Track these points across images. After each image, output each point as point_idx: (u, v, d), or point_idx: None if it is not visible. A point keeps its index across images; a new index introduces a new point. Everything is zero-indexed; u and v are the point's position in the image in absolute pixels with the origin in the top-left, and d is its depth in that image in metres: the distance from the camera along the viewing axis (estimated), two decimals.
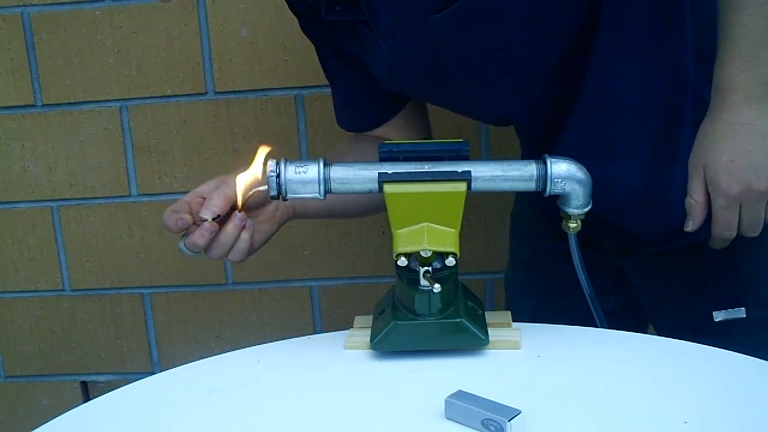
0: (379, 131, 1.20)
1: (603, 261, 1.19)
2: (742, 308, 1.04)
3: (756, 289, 1.09)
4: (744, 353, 0.91)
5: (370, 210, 1.21)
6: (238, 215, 1.00)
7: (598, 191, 0.95)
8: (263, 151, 0.96)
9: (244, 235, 1.01)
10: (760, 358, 0.90)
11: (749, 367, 0.89)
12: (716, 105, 0.94)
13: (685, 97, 1.02)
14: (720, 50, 0.93)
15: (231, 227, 0.99)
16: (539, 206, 1.25)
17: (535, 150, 1.10)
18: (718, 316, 1.04)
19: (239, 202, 0.97)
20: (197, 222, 0.98)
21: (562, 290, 1.23)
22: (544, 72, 1.03)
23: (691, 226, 0.98)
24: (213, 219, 0.98)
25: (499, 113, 1.13)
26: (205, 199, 1.01)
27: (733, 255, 1.03)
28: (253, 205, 1.04)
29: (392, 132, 1.19)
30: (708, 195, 0.96)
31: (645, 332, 1.21)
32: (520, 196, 1.33)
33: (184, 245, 1.00)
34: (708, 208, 0.97)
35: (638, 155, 1.03)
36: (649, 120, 1.03)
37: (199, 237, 0.98)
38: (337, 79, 1.21)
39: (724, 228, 0.96)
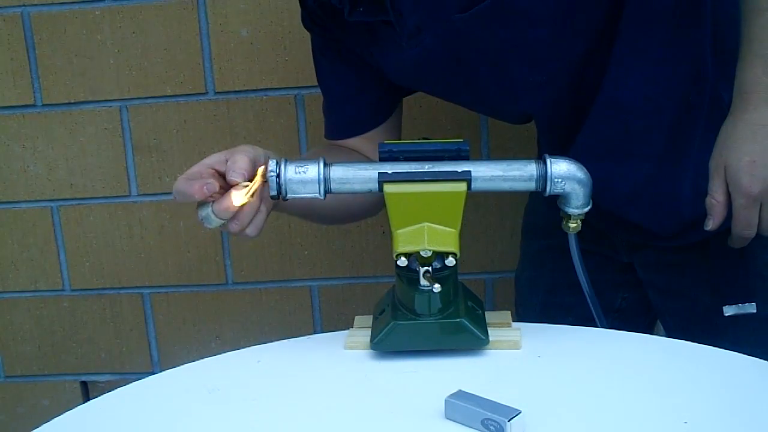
0: (354, 142, 1.20)
1: (613, 258, 1.19)
2: (753, 303, 1.04)
3: (765, 286, 1.09)
4: (752, 350, 0.91)
5: (345, 216, 1.21)
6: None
7: (613, 186, 0.95)
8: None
9: (263, 208, 0.97)
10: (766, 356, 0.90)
11: (749, 367, 0.89)
12: (738, 106, 0.95)
13: (703, 94, 1.02)
14: (742, 52, 0.94)
15: (255, 198, 0.95)
16: (551, 203, 1.25)
17: (556, 144, 1.10)
18: (729, 310, 1.04)
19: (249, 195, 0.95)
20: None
21: (572, 286, 1.23)
22: (568, 68, 1.04)
23: (711, 225, 0.98)
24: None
25: (523, 110, 1.14)
26: (215, 170, 0.95)
27: (742, 252, 1.03)
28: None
29: (366, 144, 1.19)
30: (728, 195, 0.96)
31: (652, 331, 1.21)
32: (534, 192, 1.33)
33: (212, 212, 0.93)
34: (728, 208, 0.97)
35: (654, 149, 1.04)
36: (667, 115, 1.04)
37: (236, 199, 0.93)
38: (330, 80, 1.21)
39: (744, 227, 0.97)
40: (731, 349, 0.92)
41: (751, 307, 1.04)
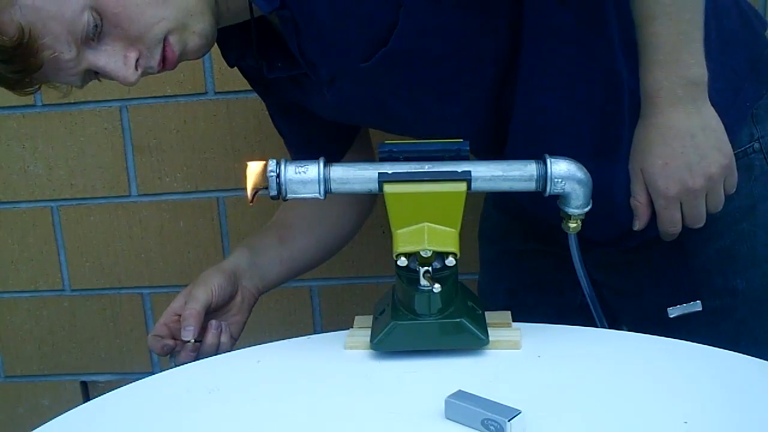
0: None
1: (567, 257, 1.20)
2: (698, 302, 1.07)
3: (709, 280, 1.12)
4: (704, 343, 0.93)
5: (327, 257, 1.31)
6: (213, 324, 1.10)
7: (545, 200, 0.96)
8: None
9: (224, 339, 1.11)
10: (719, 347, 0.92)
11: (749, 367, 0.89)
12: (645, 111, 0.97)
13: (621, 100, 1.04)
14: (641, 59, 0.96)
15: (210, 338, 1.10)
16: (503, 207, 1.27)
17: None
18: (673, 312, 1.07)
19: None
20: (178, 339, 1.09)
21: (531, 288, 1.25)
22: (481, 96, 1.05)
23: (638, 225, 1.02)
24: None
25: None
26: (178, 316, 1.11)
27: (683, 249, 1.06)
28: (221, 304, 1.14)
29: None
30: (650, 196, 0.99)
31: (618, 327, 1.22)
32: (486, 198, 1.36)
33: (176, 364, 1.08)
34: (652, 208, 1.00)
35: (581, 162, 1.05)
36: (586, 126, 1.06)
37: (186, 356, 1.08)
38: (285, 131, 1.26)
39: (668, 225, 1.00)
40: None
41: (696, 306, 1.07)
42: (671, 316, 1.07)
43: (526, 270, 1.21)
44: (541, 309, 1.12)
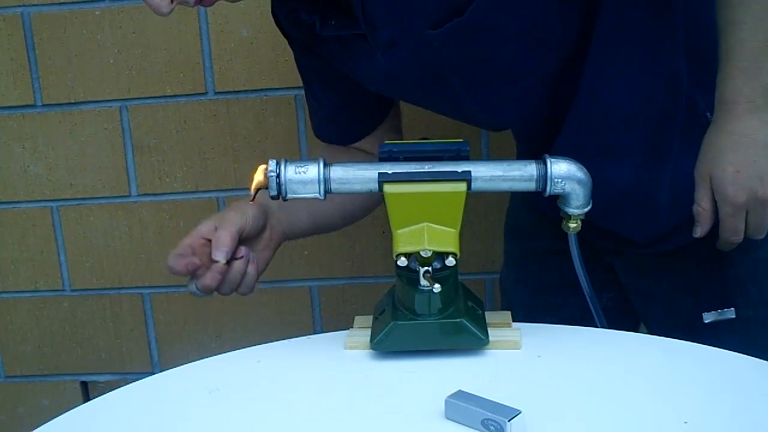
0: (356, 144, 1.22)
1: (595, 259, 1.20)
2: (732, 309, 1.06)
3: (745, 290, 1.10)
4: (734, 351, 0.92)
5: (351, 221, 1.26)
6: (243, 250, 1.03)
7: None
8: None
9: (251, 269, 1.05)
10: (752, 356, 0.91)
11: (749, 367, 0.89)
12: (720, 117, 0.96)
13: (679, 103, 1.03)
14: (722, 65, 0.95)
15: (239, 264, 1.03)
16: (532, 204, 1.26)
17: (532, 153, 1.11)
18: (708, 317, 1.06)
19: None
20: (204, 264, 1.02)
21: (555, 288, 1.24)
22: (541, 81, 1.04)
23: (699, 232, 1.00)
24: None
25: (498, 121, 1.14)
26: (206, 239, 1.03)
27: (720, 256, 1.05)
28: (252, 235, 1.07)
29: (368, 144, 1.21)
30: (714, 202, 0.98)
31: (637, 331, 1.22)
32: (514, 194, 1.34)
33: (197, 288, 1.03)
34: (715, 215, 0.98)
35: (630, 158, 1.04)
36: (643, 124, 1.05)
37: (212, 279, 1.01)
38: (320, 96, 1.22)
39: (732, 234, 0.99)
40: None
41: (730, 313, 1.06)
42: (706, 321, 1.05)
43: (552, 270, 1.19)
44: (564, 311, 1.11)
